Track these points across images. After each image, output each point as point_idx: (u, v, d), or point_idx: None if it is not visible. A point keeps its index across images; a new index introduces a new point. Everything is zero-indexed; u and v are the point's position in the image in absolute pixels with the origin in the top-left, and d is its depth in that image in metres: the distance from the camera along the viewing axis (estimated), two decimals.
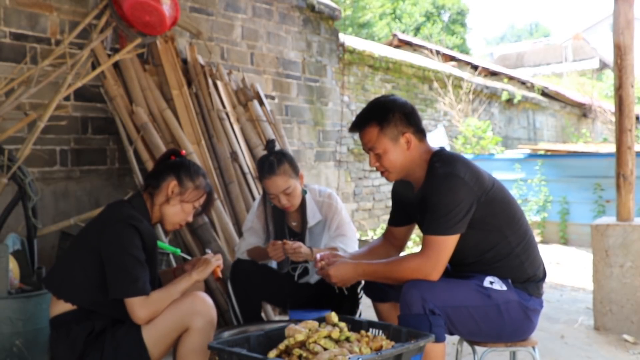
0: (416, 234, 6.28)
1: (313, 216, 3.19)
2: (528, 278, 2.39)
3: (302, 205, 3.17)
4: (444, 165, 2.31)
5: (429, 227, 2.30)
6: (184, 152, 2.59)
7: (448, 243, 2.27)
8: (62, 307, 2.28)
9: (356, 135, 7.64)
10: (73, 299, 2.27)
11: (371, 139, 2.38)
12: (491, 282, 2.31)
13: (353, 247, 3.12)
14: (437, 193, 2.27)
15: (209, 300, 2.34)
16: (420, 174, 2.41)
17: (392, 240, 2.72)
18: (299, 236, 3.20)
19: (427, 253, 2.27)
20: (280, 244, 2.95)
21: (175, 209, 2.44)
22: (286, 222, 3.26)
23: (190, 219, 2.51)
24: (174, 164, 2.49)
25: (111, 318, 2.28)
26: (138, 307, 2.21)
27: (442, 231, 2.25)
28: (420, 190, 2.41)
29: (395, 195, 2.67)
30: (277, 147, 3.22)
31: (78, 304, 2.27)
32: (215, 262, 2.49)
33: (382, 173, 2.46)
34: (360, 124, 2.42)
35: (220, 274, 2.54)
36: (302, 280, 3.27)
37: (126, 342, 2.22)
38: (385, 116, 2.37)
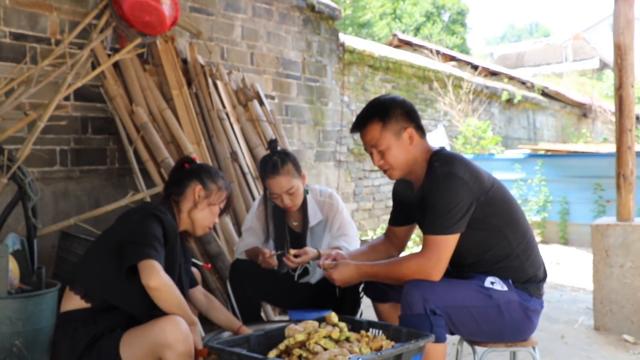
0: (416, 233, 6.27)
1: (314, 216, 3.19)
2: (529, 278, 2.39)
3: (304, 205, 3.17)
4: (443, 164, 2.31)
5: (428, 227, 2.30)
6: (196, 157, 2.63)
7: (448, 242, 2.27)
8: (74, 303, 2.27)
9: (356, 135, 7.62)
10: (87, 292, 2.26)
11: (374, 135, 2.37)
12: (492, 283, 2.32)
13: (355, 246, 3.12)
14: (436, 193, 2.27)
15: (182, 325, 2.14)
16: (420, 173, 2.41)
17: (393, 240, 2.72)
18: (300, 236, 3.20)
19: (427, 253, 2.27)
20: (270, 255, 2.95)
21: (204, 212, 2.50)
22: (287, 222, 3.26)
23: (217, 220, 2.56)
24: (193, 170, 2.54)
25: (110, 325, 2.26)
26: (150, 271, 2.13)
27: (442, 231, 2.25)
28: (420, 190, 2.41)
29: (396, 195, 2.68)
30: (279, 147, 3.22)
31: (91, 296, 2.26)
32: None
33: (386, 171, 2.43)
34: (362, 122, 2.41)
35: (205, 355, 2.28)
36: (302, 280, 3.26)
37: (105, 356, 2.20)
38: (386, 112, 2.36)
